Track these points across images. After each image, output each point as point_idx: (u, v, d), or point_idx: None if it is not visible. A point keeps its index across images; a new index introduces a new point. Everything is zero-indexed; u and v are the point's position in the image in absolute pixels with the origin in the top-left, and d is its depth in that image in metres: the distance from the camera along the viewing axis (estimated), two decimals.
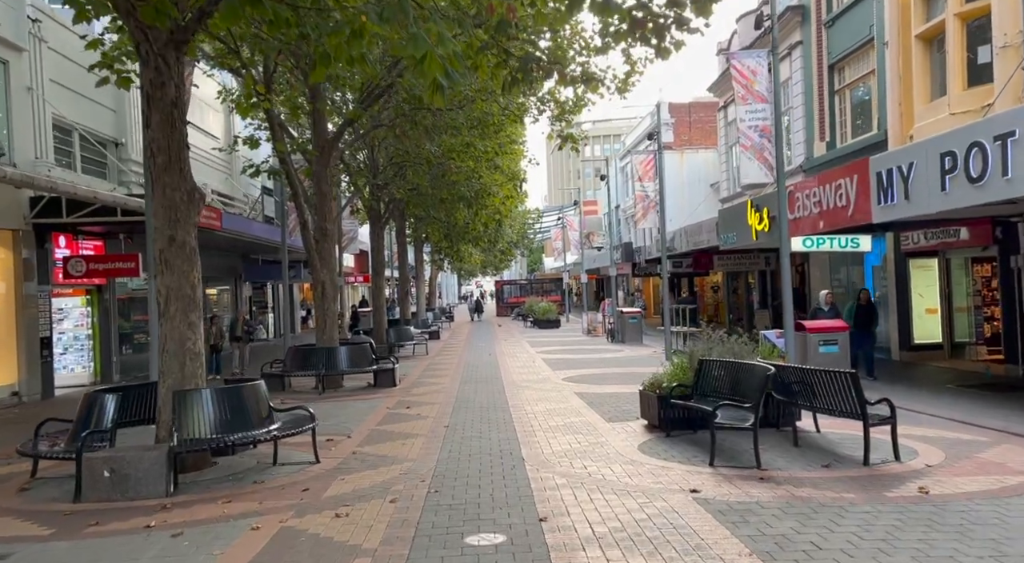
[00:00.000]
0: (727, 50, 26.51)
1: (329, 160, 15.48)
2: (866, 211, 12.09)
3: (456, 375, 16.95)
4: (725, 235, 19.34)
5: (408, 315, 30.26)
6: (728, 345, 9.21)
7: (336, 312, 15.69)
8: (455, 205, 19.43)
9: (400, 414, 11.56)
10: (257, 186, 26.46)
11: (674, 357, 9.75)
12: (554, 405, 12.01)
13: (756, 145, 11.45)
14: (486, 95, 16.09)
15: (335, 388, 15.18)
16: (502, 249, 42.76)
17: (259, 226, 22.24)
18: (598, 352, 21.87)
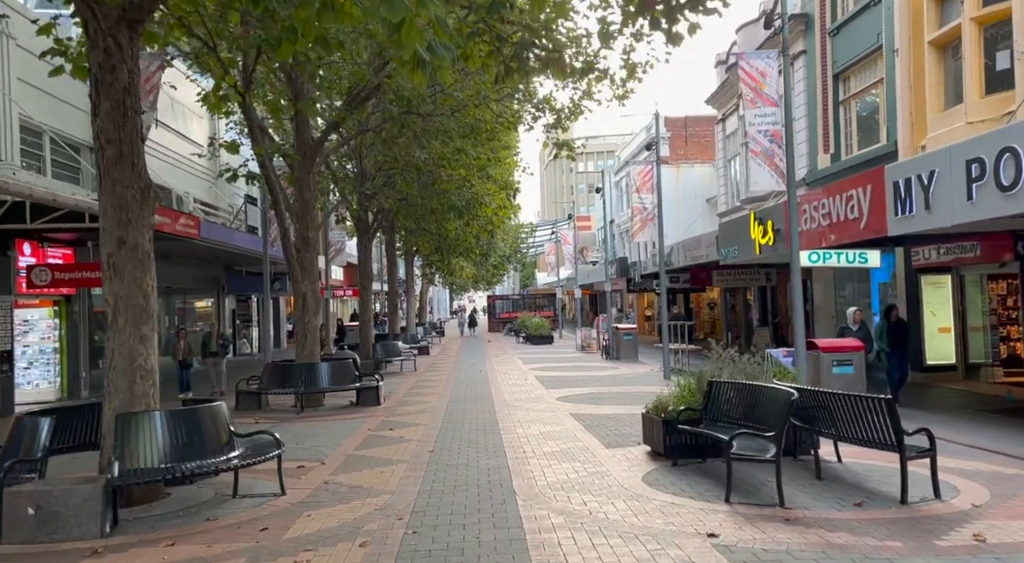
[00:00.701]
0: (726, 62, 25.97)
1: (312, 166, 14.70)
2: (881, 223, 11.36)
3: (444, 393, 16.09)
4: (725, 249, 18.61)
5: (397, 330, 29.39)
6: (740, 365, 8.41)
7: (317, 326, 14.83)
8: (446, 215, 18.64)
9: (382, 437, 10.69)
10: (241, 194, 25.64)
11: (678, 378, 8.93)
12: (548, 427, 11.17)
13: (766, 151, 10.74)
14: (479, 100, 15.36)
15: (315, 407, 14.29)
16: (494, 263, 41.94)
17: (241, 236, 21.41)
18: (593, 370, 21.04)
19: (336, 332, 25.63)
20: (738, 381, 7.81)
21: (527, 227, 49.08)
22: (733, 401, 7.90)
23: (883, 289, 17.55)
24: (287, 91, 13.55)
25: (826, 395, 6.95)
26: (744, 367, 8.43)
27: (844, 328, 12.43)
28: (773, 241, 15.54)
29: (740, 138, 24.04)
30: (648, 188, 18.56)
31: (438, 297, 79.19)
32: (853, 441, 6.71)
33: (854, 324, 12.56)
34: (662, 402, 8.68)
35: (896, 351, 12.40)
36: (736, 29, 23.58)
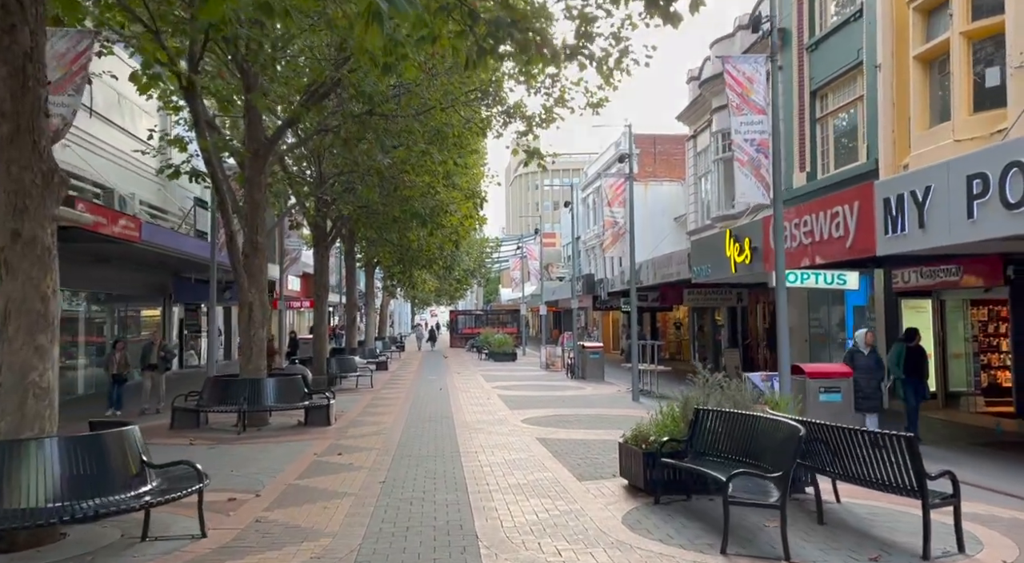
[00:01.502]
0: (698, 78, 25.58)
1: (264, 165, 13.64)
2: (869, 242, 10.75)
3: (401, 413, 15.03)
4: (698, 267, 17.98)
5: (354, 344, 28.17)
6: (728, 392, 7.60)
7: (265, 338, 13.70)
8: (408, 224, 17.65)
9: (328, 463, 9.62)
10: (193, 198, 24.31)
11: (658, 403, 8.09)
12: (514, 454, 10.23)
13: (752, 160, 10.06)
14: (446, 103, 14.49)
15: (259, 426, 13.13)
16: (458, 277, 40.95)
17: (190, 241, 20.12)
18: (559, 389, 20.16)
19: (289, 345, 24.33)
20: (729, 410, 7.00)
21: (492, 242, 48.23)
22: (722, 432, 7.08)
23: (858, 313, 17.06)
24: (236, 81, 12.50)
25: (832, 430, 6.15)
26: (732, 394, 7.63)
27: (854, 352, 11.22)
28: (750, 259, 14.93)
29: (712, 155, 23.60)
30: (620, 202, 17.87)
31: (400, 311, 77.76)
32: (862, 482, 5.92)
33: (865, 347, 11.19)
34: (642, 431, 7.82)
35: (911, 378, 11.25)
36: (710, 44, 23.20)
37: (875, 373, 10.96)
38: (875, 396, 10.81)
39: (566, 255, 52.30)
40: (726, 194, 22.69)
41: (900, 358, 11.31)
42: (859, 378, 10.55)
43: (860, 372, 10.72)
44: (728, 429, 6.98)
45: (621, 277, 27.56)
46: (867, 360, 10.99)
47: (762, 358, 21.38)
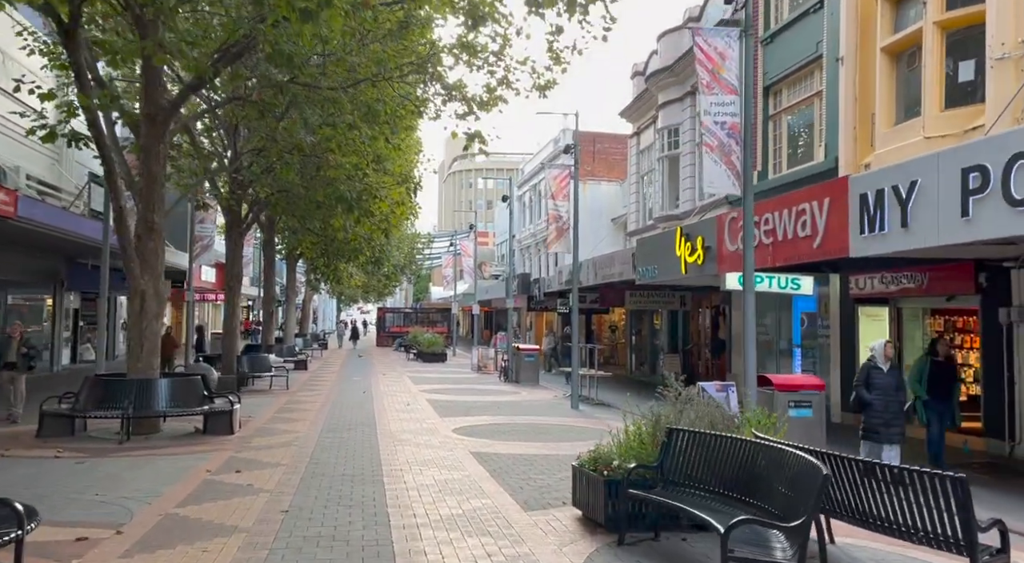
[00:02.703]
0: (643, 72, 24.72)
1: (164, 133, 11.80)
2: (840, 243, 9.84)
3: (317, 419, 13.40)
4: (644, 268, 16.98)
5: (271, 341, 26.13)
6: (704, 410, 6.42)
7: (158, 333, 11.85)
8: (332, 210, 15.98)
9: (222, 484, 8.00)
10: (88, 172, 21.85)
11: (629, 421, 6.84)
12: (446, 473, 8.82)
13: (723, 146, 8.99)
14: (378, 74, 12.94)
15: (148, 434, 11.31)
16: (387, 273, 39.06)
17: (83, 222, 17.83)
18: (492, 394, 18.83)
19: (196, 340, 22.16)
20: (713, 433, 5.80)
21: (424, 237, 46.50)
22: (700, 459, 5.89)
23: (807, 320, 16.38)
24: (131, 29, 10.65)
25: (849, 463, 4.99)
26: (709, 411, 6.45)
27: (870, 368, 9.10)
28: (703, 259, 13.97)
29: (656, 152, 22.75)
30: (564, 195, 16.69)
31: (325, 307, 74.90)
32: (883, 528, 4.80)
33: (884, 362, 9.00)
34: (602, 454, 6.56)
35: (936, 398, 9.58)
36: (657, 37, 22.33)
37: (896, 394, 8.87)
38: (896, 423, 8.74)
39: (500, 254, 51.04)
40: (670, 193, 21.87)
41: (923, 375, 9.58)
42: (876, 400, 8.71)
43: (878, 393, 8.77)
44: (709, 455, 5.79)
45: (559, 277, 26.46)
46: (887, 378, 8.86)
47: (704, 365, 20.60)
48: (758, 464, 5.24)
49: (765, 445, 5.26)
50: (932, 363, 9.77)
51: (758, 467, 5.23)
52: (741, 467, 5.41)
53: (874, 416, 8.75)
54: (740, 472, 5.41)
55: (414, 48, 13.82)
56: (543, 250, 39.70)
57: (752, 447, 5.40)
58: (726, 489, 5.53)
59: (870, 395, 8.79)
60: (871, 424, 8.80)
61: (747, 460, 5.38)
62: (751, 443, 5.43)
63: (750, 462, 5.34)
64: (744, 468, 5.38)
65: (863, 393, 8.86)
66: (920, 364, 9.94)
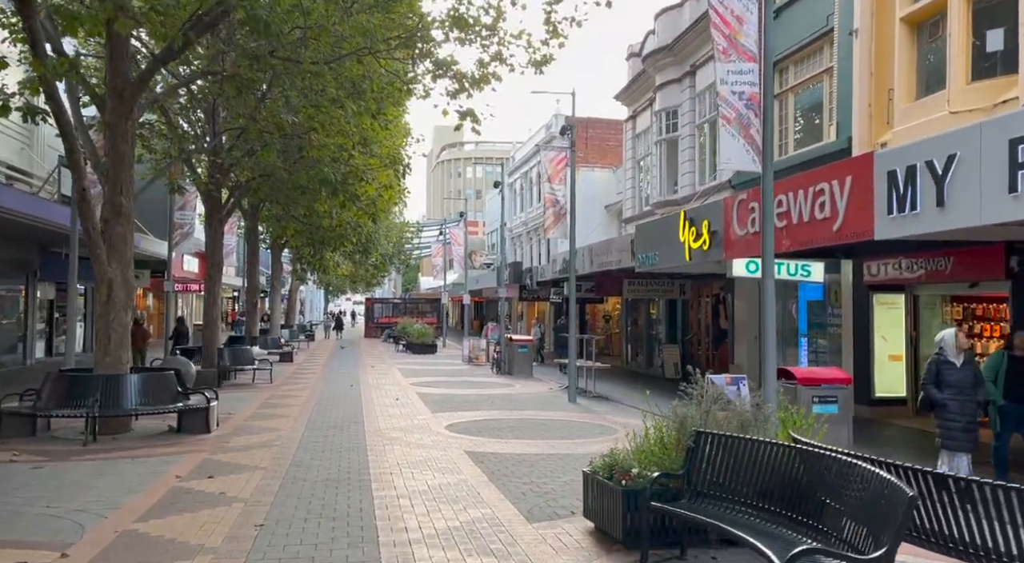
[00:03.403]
0: (639, 54, 23.91)
1: (132, 110, 10.90)
2: (864, 225, 9.11)
3: (301, 416, 12.60)
4: (644, 255, 16.22)
5: (255, 332, 25.24)
6: (736, 410, 5.69)
7: (127, 324, 11.00)
8: (317, 194, 15.09)
9: (192, 492, 7.20)
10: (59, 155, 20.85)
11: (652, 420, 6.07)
12: (439, 477, 8.06)
13: (741, 118, 8.22)
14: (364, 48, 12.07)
15: (117, 434, 10.49)
16: (375, 262, 38.14)
17: (54, 208, 16.92)
18: (485, 387, 18.08)
19: (172, 333, 21.27)
20: (756, 439, 5.06)
21: (413, 226, 45.56)
22: (733, 467, 5.15)
23: (813, 308, 15.71)
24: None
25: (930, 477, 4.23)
26: (739, 412, 5.72)
27: (940, 362, 7.83)
28: (709, 245, 13.23)
29: (654, 136, 21.99)
30: (560, 178, 15.91)
31: (312, 298, 73.87)
32: (954, 551, 4.07)
33: (956, 354, 7.78)
34: (618, 460, 5.81)
35: (1015, 398, 8.07)
36: (655, 15, 21.51)
37: (972, 393, 7.62)
38: (971, 428, 7.57)
39: (490, 243, 50.22)
40: (668, 178, 21.13)
41: (993, 369, 8.18)
42: (950, 401, 7.58)
43: (951, 392, 7.63)
44: (742, 463, 5.05)
45: (552, 265, 25.70)
46: (961, 374, 7.62)
47: (705, 356, 19.92)
48: (803, 474, 4.52)
49: (816, 453, 4.51)
50: (1010, 359, 8.23)
51: (804, 477, 4.51)
52: (781, 477, 4.69)
53: (951, 419, 7.65)
54: (781, 482, 4.69)
55: (402, 21, 12.97)
56: (535, 238, 38.91)
57: (797, 455, 4.67)
58: (764, 501, 4.81)
59: (942, 395, 7.67)
60: (949, 429, 7.65)
61: (789, 469, 4.65)
62: (797, 450, 4.70)
63: (792, 471, 4.62)
64: (785, 478, 4.66)
65: (934, 393, 7.76)
66: (995, 361, 8.41)
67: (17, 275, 21.90)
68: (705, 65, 19.15)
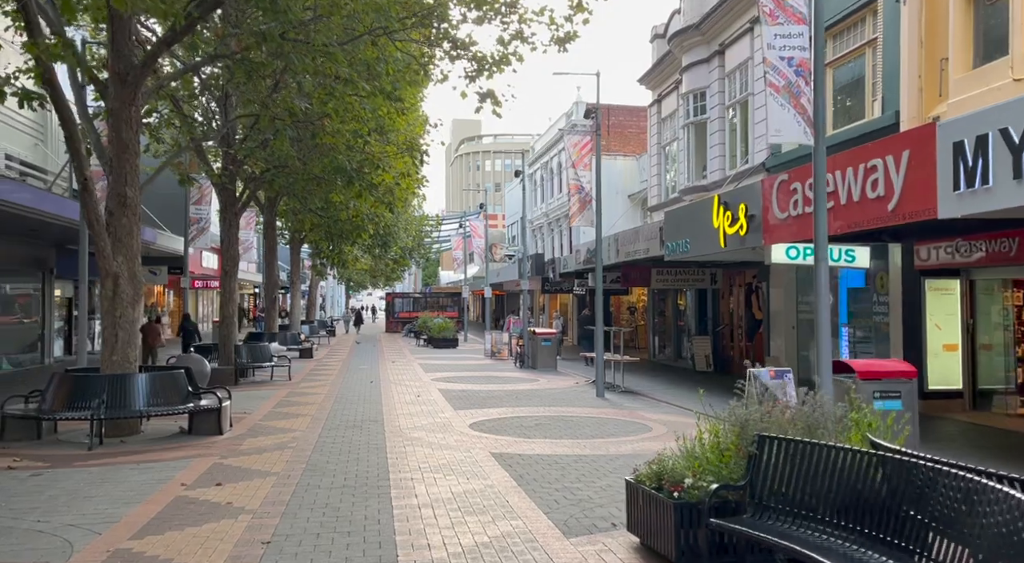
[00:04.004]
0: (664, 34, 23.03)
1: (136, 96, 10.35)
2: (925, 202, 8.32)
3: (320, 415, 12.04)
4: (674, 243, 15.46)
5: (275, 328, 24.81)
6: (801, 411, 4.96)
7: (135, 321, 10.48)
8: (332, 183, 14.49)
9: (197, 502, 6.62)
10: None
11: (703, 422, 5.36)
12: (464, 483, 7.42)
13: (791, 86, 7.48)
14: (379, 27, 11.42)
15: (126, 437, 9.99)
16: (394, 256, 37.62)
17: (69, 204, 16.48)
18: (509, 382, 17.44)
19: (179, 330, 20.82)
20: (831, 445, 4.34)
21: (432, 220, 44.98)
22: (804, 477, 4.44)
23: (854, 296, 14.85)
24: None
25: None
26: (804, 413, 4.99)
27: None
28: (746, 229, 12.46)
29: (681, 120, 21.13)
30: (586, 164, 15.18)
31: (333, 294, 73.77)
32: None
33: None
34: (667, 467, 5.12)
35: None
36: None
37: None
38: None
39: (510, 236, 49.53)
40: (697, 163, 20.29)
41: None
42: None
43: None
44: (817, 472, 4.34)
45: (576, 256, 24.96)
46: None
47: (738, 348, 19.10)
48: (888, 485, 3.80)
49: (910, 463, 3.78)
50: None
51: (889, 489, 3.79)
52: (862, 489, 3.98)
53: None
54: (861, 495, 3.97)
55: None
56: (556, 230, 38.15)
57: (888, 464, 3.94)
58: (843, 518, 4.10)
59: None
60: None
61: (870, 480, 3.94)
62: (889, 459, 3.97)
63: (875, 482, 3.90)
64: (867, 491, 3.94)
65: None
66: None
67: (33, 273, 21.61)
68: (735, 43, 18.29)
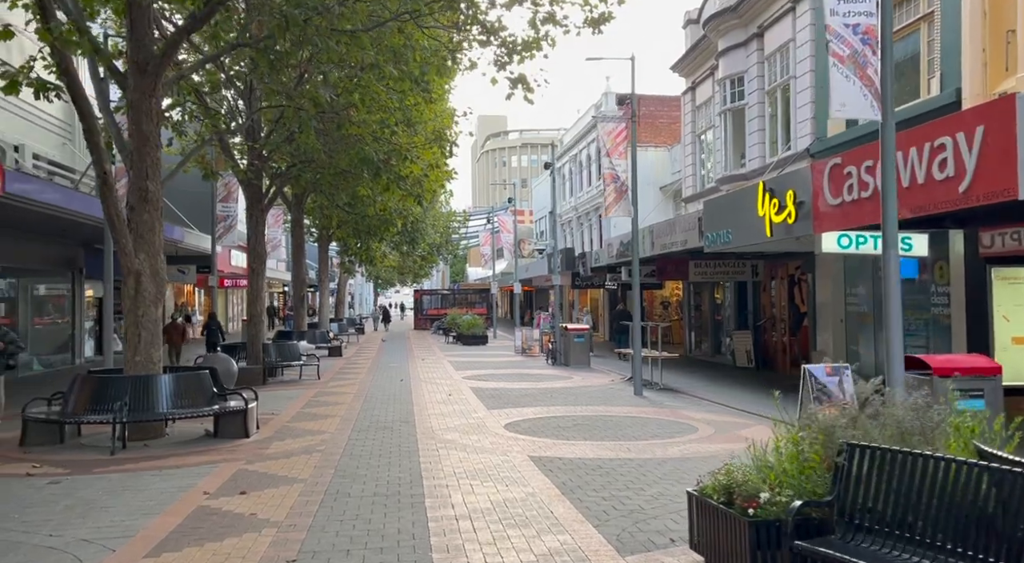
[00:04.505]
0: (697, 19, 22.28)
1: (156, 86, 9.97)
2: (1003, 182, 7.62)
3: (349, 416, 11.61)
4: (714, 233, 14.79)
5: (303, 326, 24.55)
6: (895, 414, 4.34)
7: (157, 320, 10.12)
8: (359, 176, 14.05)
9: (218, 513, 6.19)
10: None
11: (780, 428, 4.76)
12: (504, 491, 6.90)
13: (857, 55, 6.82)
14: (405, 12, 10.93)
15: (150, 440, 9.63)
16: (422, 253, 37.25)
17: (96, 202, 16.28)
18: (541, 379, 16.91)
19: (203, 329, 20.58)
20: (945, 456, 3.73)
21: (460, 216, 44.55)
22: (909, 492, 3.83)
23: (906, 288, 14.00)
24: None
25: None
26: (894, 416, 4.37)
27: None
28: (795, 217, 11.77)
29: (717, 106, 20.38)
30: (620, 152, 14.57)
31: (361, 292, 73.81)
32: None
33: None
34: (736, 479, 4.52)
35: None
36: None
37: None
38: None
39: (538, 231, 48.93)
40: (735, 151, 19.52)
41: None
42: None
43: None
44: (917, 487, 3.73)
45: (608, 250, 24.33)
46: None
47: (780, 342, 18.34)
48: (1013, 506, 3.19)
49: None
50: None
51: (1011, 510, 3.18)
52: (974, 508, 3.37)
53: None
54: (974, 516, 3.37)
55: None
56: (586, 223, 37.48)
57: (1006, 478, 3.33)
58: (950, 542, 3.50)
59: None
60: None
61: (984, 498, 3.34)
62: (1005, 473, 3.36)
63: (992, 502, 3.30)
64: (980, 510, 3.34)
65: None
66: None
67: (64, 273, 21.59)
68: (775, 25, 17.49)
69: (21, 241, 18.47)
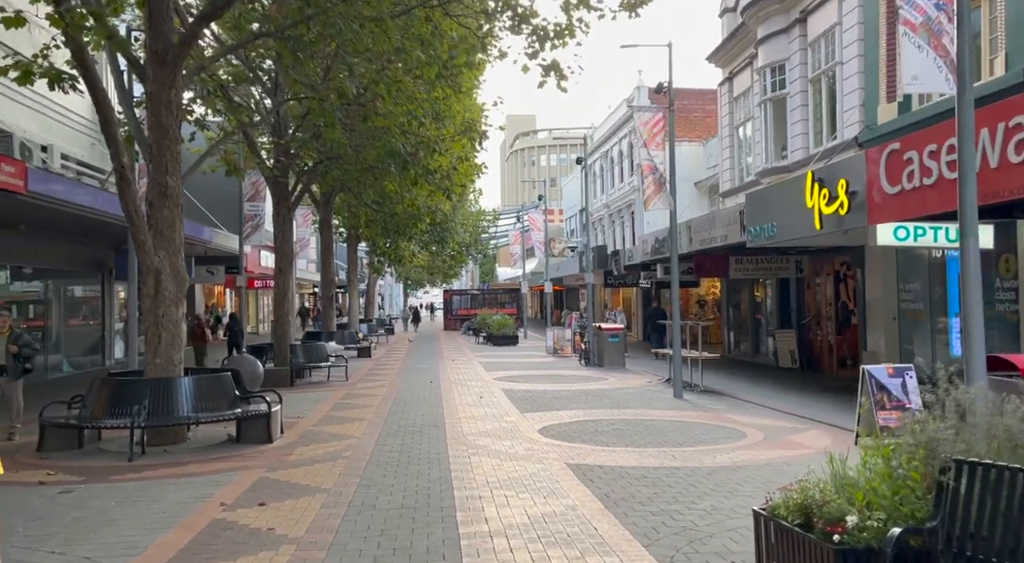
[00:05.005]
0: (734, 7, 21.49)
1: (176, 77, 9.60)
2: None
3: (376, 420, 11.14)
4: (756, 227, 14.05)
5: (332, 327, 24.25)
6: (1004, 422, 3.70)
7: (178, 321, 9.74)
8: (386, 171, 13.61)
9: (234, 528, 5.72)
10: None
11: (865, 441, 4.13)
12: (541, 504, 6.34)
13: (930, 23, 6.16)
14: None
15: (171, 445, 9.25)
16: (452, 252, 36.85)
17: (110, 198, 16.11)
18: (576, 381, 16.31)
19: (226, 330, 20.31)
20: None
21: (490, 214, 44.07)
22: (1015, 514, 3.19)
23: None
24: None
25: None
26: (1009, 429, 3.72)
27: None
28: (848, 208, 11.02)
29: (757, 97, 19.58)
30: (659, 144, 13.93)
31: (391, 292, 73.78)
32: None
33: None
34: (813, 499, 3.90)
35: None
36: None
37: None
38: None
39: (569, 230, 48.27)
40: (776, 142, 18.72)
41: None
42: None
43: None
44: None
45: (642, 247, 23.62)
46: None
47: (827, 342, 17.51)
48: None
49: None
50: None
51: None
52: None
53: None
54: None
55: None
56: (618, 221, 36.74)
57: None
58: None
59: None
60: None
61: None
62: None
63: None
64: None
65: None
66: None
67: (93, 275, 21.52)
68: (818, 9, 16.67)
69: (50, 242, 18.40)
